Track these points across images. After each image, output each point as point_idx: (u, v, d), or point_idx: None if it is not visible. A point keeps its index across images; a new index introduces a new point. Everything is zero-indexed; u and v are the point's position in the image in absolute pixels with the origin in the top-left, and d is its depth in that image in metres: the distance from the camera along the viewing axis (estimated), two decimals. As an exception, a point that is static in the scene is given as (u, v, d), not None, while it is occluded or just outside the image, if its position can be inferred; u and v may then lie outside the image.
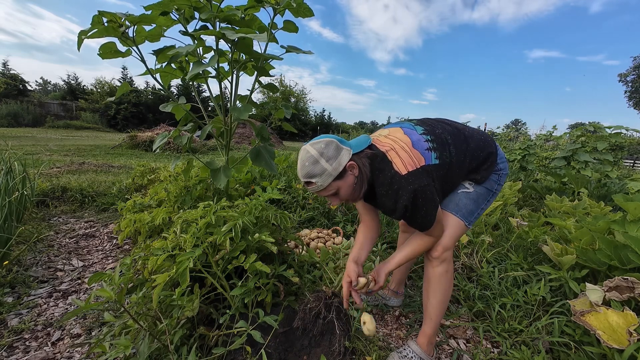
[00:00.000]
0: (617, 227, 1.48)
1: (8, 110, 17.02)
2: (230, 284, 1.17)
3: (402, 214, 0.98)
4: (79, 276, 1.75)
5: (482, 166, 1.13)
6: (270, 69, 1.60)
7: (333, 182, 0.97)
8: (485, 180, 1.14)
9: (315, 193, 1.02)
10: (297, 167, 1.00)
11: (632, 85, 30.19)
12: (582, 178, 3.44)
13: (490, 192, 1.16)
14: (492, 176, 1.14)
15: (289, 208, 2.60)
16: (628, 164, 11.47)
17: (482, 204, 1.15)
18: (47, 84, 38.65)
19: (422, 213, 0.97)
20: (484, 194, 1.15)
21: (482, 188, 1.14)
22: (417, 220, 1.00)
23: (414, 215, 0.98)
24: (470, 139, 1.13)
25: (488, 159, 1.13)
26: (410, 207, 0.96)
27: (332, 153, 0.95)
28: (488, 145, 1.15)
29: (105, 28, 1.26)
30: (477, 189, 1.14)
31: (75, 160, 5.27)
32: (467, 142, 1.11)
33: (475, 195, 1.14)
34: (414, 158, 0.98)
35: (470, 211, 1.13)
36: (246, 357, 1.01)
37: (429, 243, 1.10)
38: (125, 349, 0.85)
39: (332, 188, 0.99)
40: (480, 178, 1.13)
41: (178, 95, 20.50)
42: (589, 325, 1.05)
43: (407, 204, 0.95)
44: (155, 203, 1.98)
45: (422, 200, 0.95)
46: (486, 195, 1.15)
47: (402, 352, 1.15)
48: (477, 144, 1.13)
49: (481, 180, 1.13)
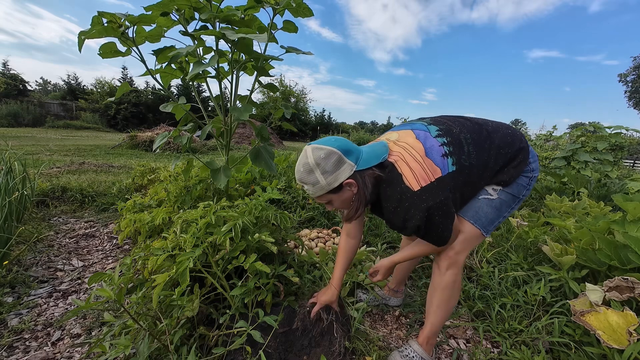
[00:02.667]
0: (617, 227, 1.48)
1: (8, 110, 17.01)
2: (230, 284, 1.17)
3: (413, 232, 0.90)
4: (79, 276, 1.75)
5: (511, 164, 0.97)
6: (270, 69, 1.61)
7: (326, 194, 0.92)
8: (513, 181, 0.98)
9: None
10: (295, 169, 0.95)
11: (632, 85, 30.20)
12: (582, 178, 3.44)
13: (516, 199, 1.00)
14: (521, 178, 0.98)
15: (289, 208, 2.60)
16: (628, 164, 11.47)
17: (505, 212, 1.01)
18: (47, 84, 38.64)
19: (438, 230, 0.89)
20: (508, 202, 0.99)
21: (507, 194, 0.99)
22: (431, 237, 0.92)
23: (429, 232, 0.90)
24: (495, 134, 0.98)
25: (517, 155, 0.97)
26: (423, 227, 0.87)
27: (330, 167, 0.88)
28: (517, 139, 0.99)
29: (105, 28, 1.26)
30: (502, 195, 0.99)
31: (75, 160, 5.27)
32: (491, 139, 0.96)
33: (499, 203, 0.99)
34: (428, 170, 0.87)
35: (490, 220, 1.00)
36: (246, 357, 1.01)
37: (434, 251, 1.04)
38: (125, 349, 0.85)
39: (324, 199, 0.95)
40: (508, 179, 0.97)
41: (178, 95, 20.52)
42: (589, 325, 1.05)
43: (419, 224, 0.86)
44: (155, 203, 1.98)
45: (438, 217, 0.86)
46: (511, 202, 1.00)
47: (403, 352, 1.14)
48: (502, 140, 0.97)
49: (509, 182, 0.97)
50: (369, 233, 2.31)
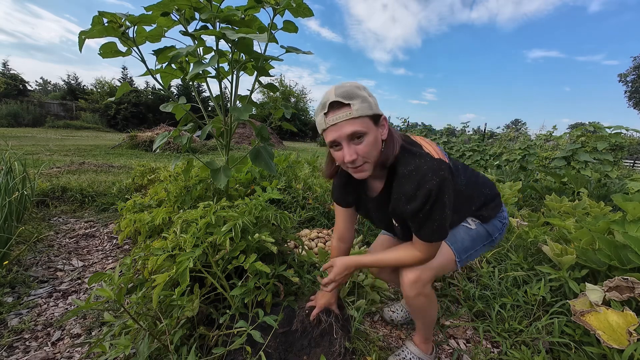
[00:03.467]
0: (616, 227, 1.48)
1: (8, 110, 17.01)
2: (230, 284, 1.17)
3: (419, 206, 0.81)
4: (79, 276, 1.75)
5: (489, 204, 1.09)
6: (270, 69, 1.61)
7: (368, 118, 0.80)
8: (489, 220, 1.08)
9: (336, 131, 0.80)
10: (329, 91, 0.81)
11: (632, 85, 30.23)
12: (582, 178, 3.44)
13: (490, 238, 1.08)
14: (496, 221, 1.09)
15: (289, 208, 2.60)
16: (628, 164, 11.47)
17: (479, 245, 1.06)
18: (47, 84, 38.66)
19: (442, 215, 0.83)
20: (483, 236, 1.07)
21: (484, 229, 1.07)
22: (432, 220, 0.84)
23: (432, 212, 0.82)
24: (479, 175, 1.12)
25: (495, 199, 1.10)
26: (432, 198, 0.80)
27: (373, 98, 0.84)
28: (494, 187, 1.13)
29: (105, 28, 1.26)
30: (479, 228, 1.07)
31: (75, 160, 5.27)
32: (477, 176, 1.09)
33: (475, 234, 1.06)
34: (442, 155, 0.89)
35: (465, 248, 1.03)
36: (246, 357, 1.01)
37: (415, 259, 0.94)
38: (125, 349, 0.85)
39: (363, 126, 0.80)
40: (487, 216, 1.07)
41: (178, 95, 20.50)
42: (589, 325, 1.05)
43: (432, 188, 0.79)
44: (155, 203, 1.98)
45: (446, 198, 0.81)
46: (485, 238, 1.07)
47: (400, 355, 1.15)
48: (484, 180, 1.11)
49: (486, 219, 1.07)
50: (369, 233, 2.31)
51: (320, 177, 3.20)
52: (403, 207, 0.85)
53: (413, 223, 0.88)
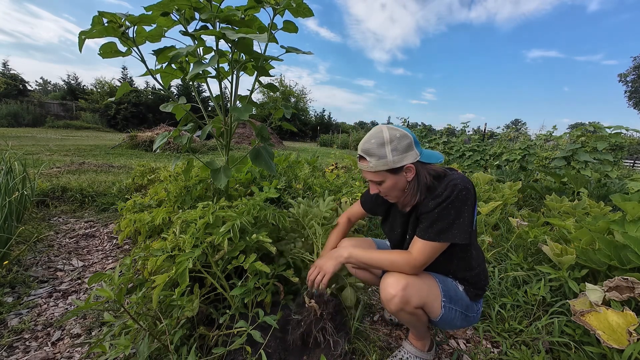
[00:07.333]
0: (616, 227, 1.48)
1: (8, 110, 17.00)
2: (230, 284, 1.17)
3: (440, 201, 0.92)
4: (79, 276, 1.75)
5: (480, 289, 1.07)
6: (270, 69, 1.60)
7: (385, 172, 0.96)
8: (473, 298, 1.06)
9: (362, 173, 1.01)
10: (362, 139, 1.00)
11: (632, 85, 30.24)
12: (582, 178, 3.44)
13: (468, 310, 1.05)
14: (476, 303, 1.08)
15: (289, 208, 2.59)
16: (628, 164, 11.48)
17: (460, 307, 1.02)
18: (47, 84, 38.66)
19: (457, 218, 0.91)
20: (465, 304, 1.04)
21: (467, 298, 1.05)
22: (445, 219, 0.91)
23: (449, 211, 0.91)
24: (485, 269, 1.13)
25: (483, 290, 1.09)
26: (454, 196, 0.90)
27: (402, 148, 0.94)
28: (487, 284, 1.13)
29: (105, 28, 1.26)
30: (464, 295, 1.05)
31: (75, 160, 5.27)
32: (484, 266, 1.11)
33: (462, 295, 1.04)
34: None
35: (450, 297, 1.01)
36: (246, 357, 1.01)
37: (404, 265, 0.96)
38: (125, 349, 0.85)
39: (379, 177, 0.97)
40: (473, 293, 1.06)
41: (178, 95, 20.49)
42: (589, 325, 1.05)
43: (457, 189, 0.91)
44: (155, 203, 1.98)
45: (467, 207, 0.91)
46: (466, 307, 1.04)
47: (397, 357, 1.15)
48: (486, 275, 1.11)
49: (472, 295, 1.06)
50: (369, 233, 2.31)
51: (320, 177, 3.20)
52: (427, 203, 0.96)
53: (426, 220, 0.95)
